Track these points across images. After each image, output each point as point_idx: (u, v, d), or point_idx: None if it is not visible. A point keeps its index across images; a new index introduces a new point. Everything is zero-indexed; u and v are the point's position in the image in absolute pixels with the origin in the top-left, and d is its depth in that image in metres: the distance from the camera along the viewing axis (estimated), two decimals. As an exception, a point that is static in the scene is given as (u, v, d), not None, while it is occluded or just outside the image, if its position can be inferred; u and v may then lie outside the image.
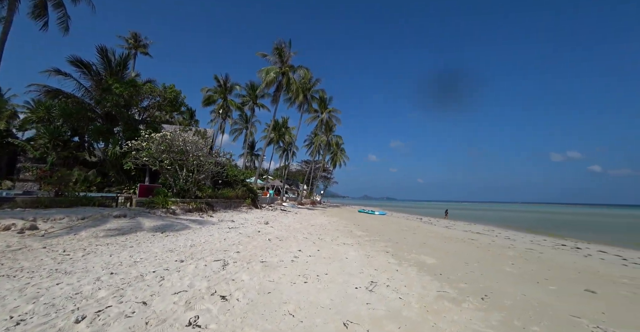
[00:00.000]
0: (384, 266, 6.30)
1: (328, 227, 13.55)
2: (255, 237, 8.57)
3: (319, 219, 17.98)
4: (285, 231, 10.86)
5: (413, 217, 32.19)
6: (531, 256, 9.50)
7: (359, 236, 11.27)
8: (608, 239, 18.20)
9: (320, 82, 33.14)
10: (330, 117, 41.65)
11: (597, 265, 8.73)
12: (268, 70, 24.23)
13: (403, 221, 24.26)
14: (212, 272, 4.69)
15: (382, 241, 10.39)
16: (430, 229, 17.31)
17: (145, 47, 30.67)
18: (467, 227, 21.81)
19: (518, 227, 24.98)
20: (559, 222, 33.25)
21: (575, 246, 13.85)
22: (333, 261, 6.32)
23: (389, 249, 8.70)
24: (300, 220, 16.15)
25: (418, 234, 13.84)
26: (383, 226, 16.88)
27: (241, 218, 13.90)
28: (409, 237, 12.39)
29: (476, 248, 10.45)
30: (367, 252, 7.76)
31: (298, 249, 7.37)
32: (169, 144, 13.91)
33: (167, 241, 6.86)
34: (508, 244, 12.67)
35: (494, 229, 21.94)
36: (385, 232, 13.65)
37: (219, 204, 17.42)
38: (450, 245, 10.80)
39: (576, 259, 9.72)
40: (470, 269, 6.56)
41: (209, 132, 20.52)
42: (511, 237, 16.73)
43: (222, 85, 31.50)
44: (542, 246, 13.16)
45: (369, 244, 9.28)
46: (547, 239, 16.61)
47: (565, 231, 23.29)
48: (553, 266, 7.77)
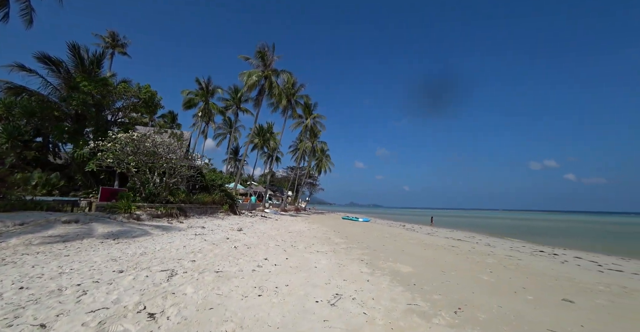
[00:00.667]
0: (355, 275, 5.82)
1: (306, 234, 12.99)
2: (221, 244, 7.92)
3: (298, 226, 17.37)
4: (257, 238, 10.23)
5: (397, 224, 32.01)
6: (510, 263, 9.27)
7: (337, 243, 10.77)
8: (583, 245, 18.48)
9: (304, 87, 32.99)
10: (315, 123, 41.40)
11: (574, 271, 8.58)
12: (250, 74, 23.75)
13: (386, 227, 23.97)
14: (152, 285, 4.07)
15: (360, 248, 9.94)
16: (412, 236, 17.03)
17: (124, 47, 29.60)
18: (449, 234, 21.72)
19: (499, 234, 25.16)
20: (538, 229, 33.92)
21: (552, 253, 13.86)
22: (300, 271, 5.79)
23: (365, 257, 8.25)
24: (278, 227, 15.50)
25: (398, 241, 13.48)
26: (364, 233, 16.46)
27: (214, 224, 13.14)
28: (388, 244, 12.00)
29: (455, 255, 10.16)
30: (340, 261, 7.27)
31: (264, 257, 6.80)
32: (136, 145, 13.08)
33: (115, 248, 6.13)
34: (488, 251, 12.50)
35: (475, 236, 21.95)
36: (365, 239, 13.22)
37: (193, 209, 16.53)
38: (430, 252, 10.47)
39: (553, 265, 9.57)
40: (446, 278, 6.18)
41: (186, 135, 19.71)
42: (491, 244, 16.66)
43: (204, 88, 30.73)
44: (521, 253, 13.07)
45: (344, 252, 8.80)
46: (526, 246, 16.64)
47: (543, 237, 23.63)
48: (531, 274, 7.52)
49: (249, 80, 23.35)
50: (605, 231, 33.49)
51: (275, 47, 25.23)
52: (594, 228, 38.54)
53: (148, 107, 20.17)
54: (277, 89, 24.31)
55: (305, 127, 40.71)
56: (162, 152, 14.39)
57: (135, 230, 8.49)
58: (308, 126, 40.76)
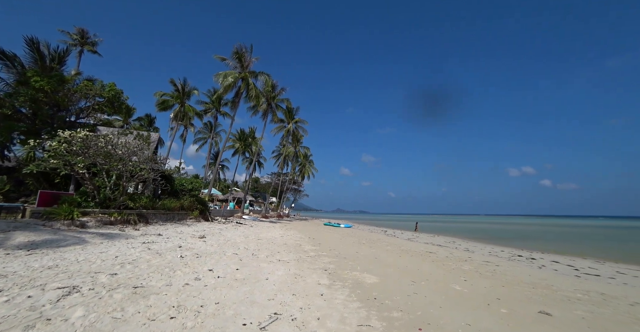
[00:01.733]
0: (309, 288, 5.04)
1: (276, 242, 12.09)
2: (165, 253, 6.95)
3: (272, 233, 16.41)
4: (217, 246, 9.26)
5: (379, 229, 31.47)
6: (486, 269, 8.75)
7: (305, 251, 9.95)
8: (559, 248, 18.44)
9: (285, 91, 32.31)
10: (297, 127, 40.75)
11: (551, 277, 8.13)
12: (226, 75, 22.85)
13: (366, 233, 23.32)
14: (26, 309, 3.13)
15: (329, 256, 9.16)
16: (391, 242, 16.42)
17: (94, 45, 28.04)
18: (430, 240, 21.31)
19: (479, 239, 25.03)
20: (516, 233, 34.25)
21: (530, 257, 13.57)
22: (244, 284, 4.95)
23: (331, 265, 7.48)
24: (248, 234, 14.50)
25: (374, 248, 12.80)
26: (340, 240, 15.70)
27: (175, 231, 12.02)
28: (362, 251, 11.29)
29: (431, 262, 9.56)
30: (300, 271, 6.46)
31: (210, 268, 5.90)
32: (85, 144, 11.84)
33: (19, 261, 5.08)
34: (466, 256, 12.01)
35: (456, 241, 21.64)
36: (339, 246, 12.47)
37: (157, 216, 15.30)
38: (405, 259, 9.83)
39: (531, 271, 9.13)
40: (414, 290, 5.50)
41: (153, 137, 18.48)
42: (471, 248, 16.29)
43: (180, 89, 29.47)
44: (499, 258, 12.67)
45: (309, 261, 8.00)
46: (505, 250, 16.36)
47: (521, 241, 23.63)
48: (507, 281, 6.97)
49: (224, 81, 22.43)
50: (579, 234, 34.23)
51: (253, 48, 24.55)
52: (569, 231, 39.44)
53: (114, 106, 18.88)
54: (254, 90, 23.48)
55: (287, 132, 39.96)
56: (121, 154, 13.20)
57: (68, 239, 7.37)
58: (290, 131, 40.03)
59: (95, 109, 19.09)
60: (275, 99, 31.76)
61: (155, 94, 28.69)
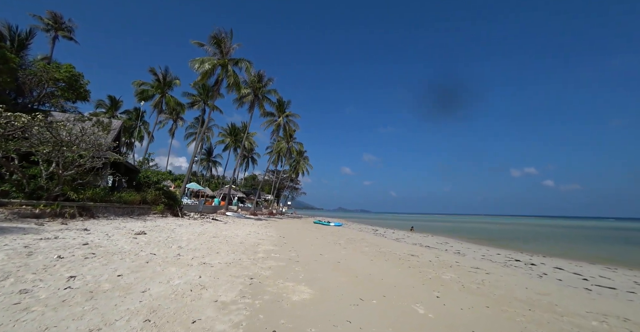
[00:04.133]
0: (191, 308, 3.31)
1: (231, 241, 10.39)
2: (39, 254, 5.27)
3: (241, 231, 14.72)
4: (144, 244, 7.58)
5: (371, 228, 29.70)
6: (472, 279, 6.98)
7: (255, 252, 8.24)
8: (563, 251, 16.59)
9: (272, 81, 30.48)
10: (288, 121, 38.97)
11: (555, 292, 6.35)
12: (203, 61, 21.09)
13: (352, 232, 21.55)
14: None
15: (279, 259, 7.45)
16: (373, 242, 14.67)
17: (70, 31, 26.47)
18: (422, 240, 19.54)
19: (476, 240, 23.20)
20: (517, 234, 32.32)
21: (529, 262, 11.77)
22: (103, 298, 3.24)
23: (266, 272, 5.75)
24: (208, 231, 12.81)
25: (348, 249, 11.07)
26: (315, 239, 13.97)
27: (114, 227, 10.34)
28: (329, 253, 9.56)
29: (406, 269, 7.81)
30: (211, 280, 4.75)
31: (73, 274, 4.20)
32: (26, 130, 10.23)
33: None
34: (453, 260, 10.23)
35: (450, 242, 19.84)
36: (305, 247, 10.75)
37: (110, 209, 13.65)
38: (375, 264, 8.09)
39: (528, 281, 7.34)
40: (353, 314, 3.77)
41: (115, 124, 16.83)
42: (463, 251, 14.50)
43: (161, 79, 27.86)
44: (493, 262, 10.89)
45: (243, 265, 6.28)
46: (502, 253, 14.56)
47: (522, 243, 21.77)
48: (496, 298, 5.21)
49: (200, 67, 20.67)
50: (584, 236, 32.22)
51: (233, 34, 22.71)
52: (574, 233, 37.41)
53: (73, 90, 17.24)
54: (232, 77, 21.69)
55: (278, 126, 38.20)
56: (65, 140, 11.54)
57: None
58: (281, 125, 38.28)
59: (55, 94, 17.48)
60: (262, 90, 29.99)
61: (134, 83, 27.07)
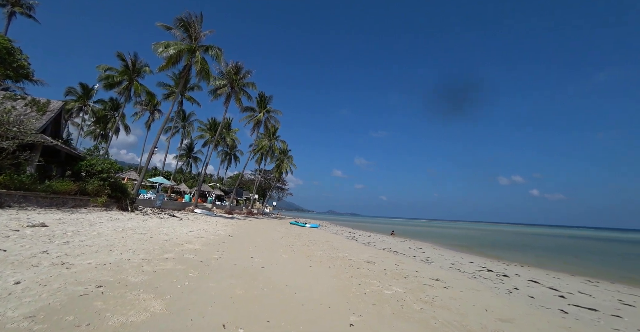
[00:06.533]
0: None
1: (155, 239, 8.70)
2: None
3: (191, 228, 12.98)
4: (19, 238, 5.91)
5: (347, 231, 28.25)
6: (421, 296, 5.54)
7: (165, 252, 6.60)
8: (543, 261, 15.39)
9: (251, 74, 28.79)
10: (270, 117, 37.28)
11: (520, 317, 4.95)
12: (168, 45, 19.31)
13: (323, 235, 20.02)
14: None
15: (182, 262, 5.84)
16: (336, 246, 13.17)
17: (30, 9, 24.35)
18: (395, 245, 18.15)
19: (455, 246, 21.99)
20: (499, 241, 31.37)
21: (503, 273, 10.44)
22: None
23: (136, 279, 4.18)
24: (147, 227, 11.05)
25: (296, 253, 9.53)
26: (271, 240, 12.37)
27: (8, 218, 8.58)
28: (266, 257, 8.00)
29: (345, 279, 6.31)
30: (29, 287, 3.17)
31: None
32: None
33: None
34: (413, 270, 8.81)
35: (424, 247, 18.53)
36: (245, 248, 9.17)
37: (33, 199, 11.81)
38: (310, 273, 6.57)
39: (491, 301, 5.94)
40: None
41: (53, 105, 14.94)
42: (433, 258, 13.14)
43: (130, 65, 25.89)
44: (460, 273, 9.52)
45: (107, 270, 4.69)
46: (476, 261, 13.26)
47: (502, 251, 20.62)
48: (434, 330, 3.76)
49: (164, 52, 18.88)
50: (566, 245, 31.48)
51: (203, 18, 20.94)
52: (556, 242, 36.75)
53: (6, 64, 15.29)
54: (200, 63, 19.93)
55: (258, 122, 36.43)
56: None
57: None
58: (261, 121, 36.53)
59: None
60: (239, 83, 28.28)
61: (98, 67, 25.00)
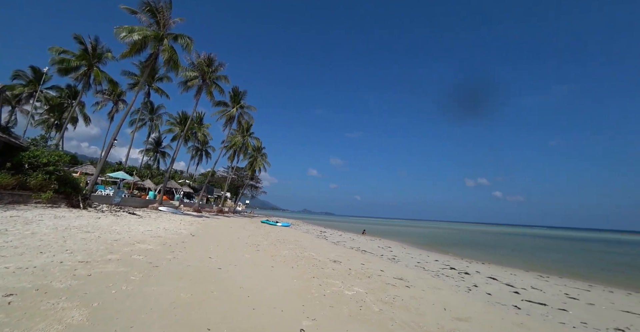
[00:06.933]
0: None
1: (103, 238, 7.93)
2: None
3: (150, 227, 12.08)
4: None
5: (318, 230, 28.11)
6: (382, 296, 5.43)
7: (111, 252, 5.98)
8: (503, 258, 16.22)
9: (224, 67, 27.67)
10: (243, 113, 36.20)
11: (477, 315, 4.98)
12: (132, 29, 17.89)
13: (293, 234, 19.66)
14: None
15: (126, 265, 5.29)
16: (304, 245, 12.89)
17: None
18: (364, 244, 18.21)
19: (423, 245, 22.61)
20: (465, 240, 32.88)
21: (465, 270, 10.77)
22: None
23: (59, 284, 3.63)
24: (97, 226, 10.10)
25: (260, 252, 9.14)
26: (237, 239, 11.83)
27: None
28: (226, 257, 7.53)
29: (307, 280, 6.06)
30: None
31: None
32: None
33: None
34: (378, 269, 8.77)
35: (393, 246, 18.83)
36: (205, 248, 8.62)
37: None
38: (271, 273, 6.24)
39: (451, 299, 5.97)
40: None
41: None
42: (400, 256, 13.31)
43: (90, 49, 23.84)
44: (425, 271, 9.65)
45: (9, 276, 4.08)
46: (441, 260, 13.63)
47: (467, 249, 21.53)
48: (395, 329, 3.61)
49: (127, 37, 17.44)
50: (524, 243, 33.70)
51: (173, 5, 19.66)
52: (515, 240, 39.27)
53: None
54: (168, 52, 18.70)
55: (231, 118, 35.22)
56: None
57: None
58: (234, 116, 35.36)
59: None
60: (211, 76, 27.07)
61: (51, 50, 22.69)
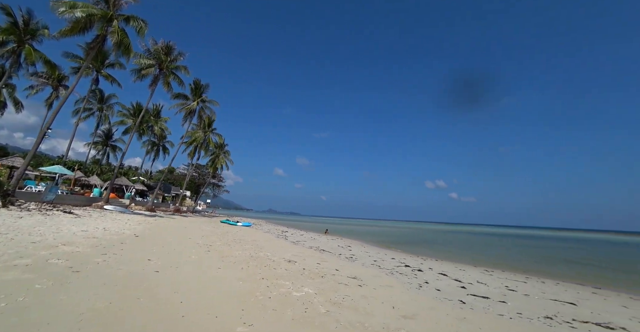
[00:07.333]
0: None
1: (14, 241, 6.82)
2: None
3: (87, 227, 10.77)
4: None
5: (280, 230, 27.54)
6: (332, 296, 5.19)
7: (22, 257, 5.08)
8: (454, 255, 17.15)
9: (184, 56, 25.96)
10: (205, 107, 34.40)
11: (424, 311, 4.95)
12: (74, 5, 15.82)
13: (253, 233, 18.94)
14: None
15: (33, 272, 4.49)
16: (261, 245, 12.37)
17: None
18: (325, 243, 18.05)
19: (382, 243, 23.13)
20: (422, 238, 34.44)
21: (418, 267, 11.07)
22: None
23: None
24: (16, 227, 8.72)
25: (211, 253, 8.51)
26: (187, 239, 10.97)
27: None
28: (170, 259, 6.83)
29: (254, 281, 5.65)
30: None
31: None
32: None
33: None
34: (334, 268, 8.59)
35: (353, 245, 18.97)
36: (147, 249, 7.81)
37: None
38: (216, 276, 5.73)
39: (401, 297, 5.93)
40: None
41: None
42: (358, 255, 13.36)
43: (21, 23, 20.79)
44: (380, 269, 9.71)
45: None
46: (397, 257, 13.93)
47: (422, 247, 22.48)
48: None
49: (67, 13, 15.37)
50: (475, 241, 36.28)
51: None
52: (467, 237, 42.15)
53: None
54: (119, 34, 16.82)
55: (191, 112, 33.22)
56: None
57: None
58: (195, 110, 33.42)
59: None
60: (170, 65, 25.22)
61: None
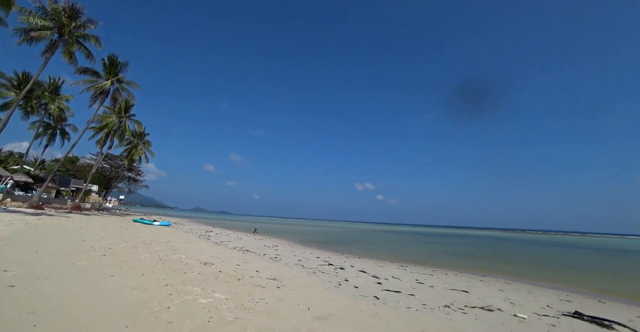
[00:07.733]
0: None
1: None
2: None
3: None
4: None
5: (204, 229, 25.48)
6: (244, 301, 4.77)
7: None
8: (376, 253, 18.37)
9: (96, 25, 21.86)
10: (121, 89, 29.71)
11: (339, 311, 4.93)
12: None
13: (170, 233, 16.95)
14: None
15: None
16: (177, 247, 11.05)
17: None
18: (251, 243, 17.23)
19: (309, 242, 23.35)
20: (349, 237, 36.16)
21: (341, 265, 11.37)
22: None
23: None
24: None
25: (108, 257, 7.12)
26: (81, 242, 9.02)
27: None
28: (41, 268, 5.44)
29: (157, 288, 4.83)
30: None
31: None
32: None
33: None
34: (254, 270, 8.13)
35: (280, 244, 18.60)
36: (21, 255, 6.10)
37: None
38: (109, 282, 4.72)
39: (319, 296, 5.86)
40: None
41: None
42: (283, 255, 13.07)
43: None
44: (303, 269, 9.59)
45: None
46: (322, 256, 14.13)
47: (348, 245, 23.45)
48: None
49: None
50: (395, 239, 39.73)
51: None
52: (390, 236, 45.97)
53: None
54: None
55: (103, 92, 28.25)
56: None
57: None
58: (108, 90, 28.52)
59: None
60: (73, 31, 20.92)
61: None
